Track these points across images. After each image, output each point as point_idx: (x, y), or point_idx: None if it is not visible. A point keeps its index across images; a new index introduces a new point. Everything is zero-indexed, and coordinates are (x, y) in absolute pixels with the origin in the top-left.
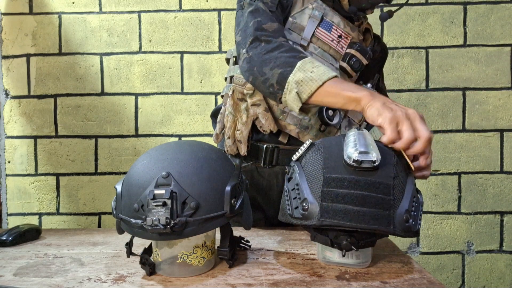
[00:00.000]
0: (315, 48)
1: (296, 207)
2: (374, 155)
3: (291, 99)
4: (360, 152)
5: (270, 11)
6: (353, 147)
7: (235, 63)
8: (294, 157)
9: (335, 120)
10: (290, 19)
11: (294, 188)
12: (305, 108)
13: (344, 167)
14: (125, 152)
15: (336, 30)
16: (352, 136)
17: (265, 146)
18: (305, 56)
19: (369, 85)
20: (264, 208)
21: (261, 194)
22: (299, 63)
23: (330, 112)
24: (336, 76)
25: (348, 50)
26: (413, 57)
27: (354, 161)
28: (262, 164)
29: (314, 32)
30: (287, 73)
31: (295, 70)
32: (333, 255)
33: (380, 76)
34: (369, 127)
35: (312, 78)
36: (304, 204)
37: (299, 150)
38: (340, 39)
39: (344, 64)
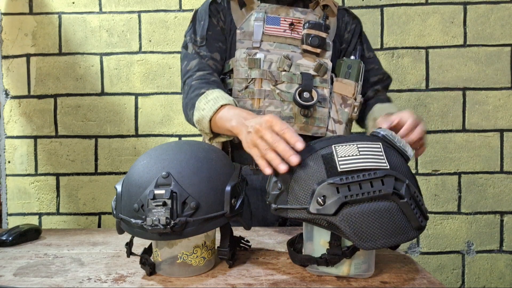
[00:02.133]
0: (270, 44)
1: None
2: None
3: (203, 134)
4: None
5: (200, 45)
6: None
7: None
8: None
9: (314, 100)
10: (238, 31)
11: None
12: (217, 136)
13: None
14: (125, 152)
15: (285, 20)
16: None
17: None
18: (205, 91)
19: (352, 57)
20: (261, 210)
21: (257, 196)
22: (196, 103)
23: (306, 94)
24: (223, 105)
25: (303, 32)
26: (413, 57)
27: None
28: (254, 167)
29: (263, 32)
30: (193, 114)
31: (194, 111)
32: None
33: (362, 46)
34: None
35: (203, 116)
36: None
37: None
38: (292, 26)
39: (305, 46)
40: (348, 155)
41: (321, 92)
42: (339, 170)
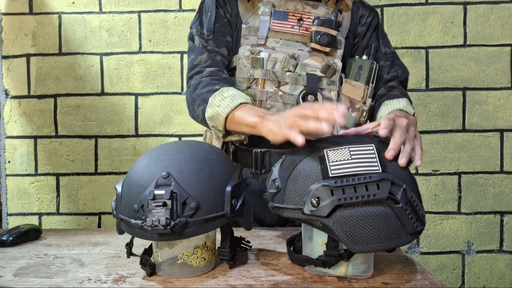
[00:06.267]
0: (276, 41)
1: None
2: None
3: (215, 131)
4: None
5: (207, 39)
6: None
7: None
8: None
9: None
10: (243, 26)
11: None
12: (230, 135)
13: None
14: (125, 152)
15: (294, 15)
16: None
17: (254, 151)
18: (219, 88)
19: (364, 56)
20: (260, 213)
21: (256, 199)
22: (210, 99)
23: (310, 97)
24: (241, 103)
25: (312, 29)
26: (413, 57)
27: None
28: (254, 170)
29: (269, 27)
30: (205, 110)
31: (207, 107)
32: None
33: (378, 41)
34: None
35: (218, 112)
36: None
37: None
38: (301, 22)
39: (313, 44)
40: (339, 160)
41: (327, 95)
42: (330, 175)
